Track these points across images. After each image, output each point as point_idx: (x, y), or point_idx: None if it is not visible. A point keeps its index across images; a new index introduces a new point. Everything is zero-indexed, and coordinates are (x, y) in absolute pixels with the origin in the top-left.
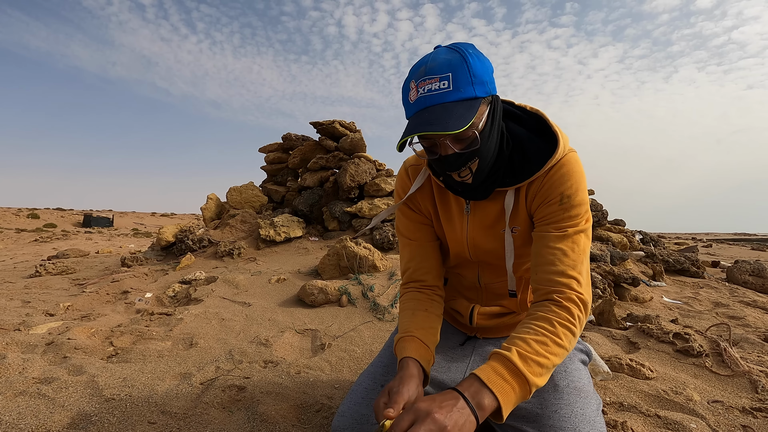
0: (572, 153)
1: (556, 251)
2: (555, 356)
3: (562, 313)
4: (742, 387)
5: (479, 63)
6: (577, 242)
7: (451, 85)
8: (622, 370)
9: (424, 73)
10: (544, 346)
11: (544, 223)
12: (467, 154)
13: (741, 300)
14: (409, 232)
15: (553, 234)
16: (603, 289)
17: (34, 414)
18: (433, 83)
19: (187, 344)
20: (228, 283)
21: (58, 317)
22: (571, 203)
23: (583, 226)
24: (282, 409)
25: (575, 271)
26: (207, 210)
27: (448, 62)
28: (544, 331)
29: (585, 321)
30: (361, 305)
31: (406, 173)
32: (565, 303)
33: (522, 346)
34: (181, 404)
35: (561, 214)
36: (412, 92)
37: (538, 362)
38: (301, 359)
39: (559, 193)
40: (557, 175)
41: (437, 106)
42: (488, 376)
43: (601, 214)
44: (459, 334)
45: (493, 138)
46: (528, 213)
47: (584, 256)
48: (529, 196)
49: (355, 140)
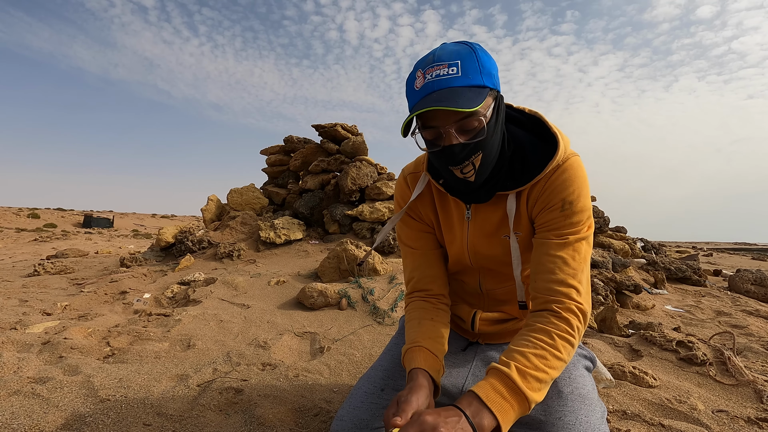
0: (575, 157)
1: (557, 259)
2: (554, 370)
3: (561, 324)
4: (746, 397)
5: (486, 57)
6: (578, 250)
7: (459, 71)
8: (625, 378)
9: (432, 60)
10: (543, 360)
11: (545, 230)
12: (472, 146)
13: (743, 309)
14: (411, 240)
15: (554, 241)
16: (605, 296)
17: (27, 414)
18: (441, 69)
19: (185, 345)
20: (227, 285)
21: (55, 317)
22: (572, 210)
23: (585, 234)
24: (279, 413)
25: (575, 280)
26: (207, 211)
27: (457, 52)
28: (543, 344)
29: (583, 331)
30: (361, 309)
31: (405, 182)
32: (564, 314)
33: (521, 360)
34: (177, 406)
35: (562, 221)
36: (419, 80)
37: (536, 377)
38: (299, 362)
39: (561, 199)
40: (559, 180)
41: (445, 90)
42: (487, 394)
43: (603, 221)
44: (461, 339)
45: (497, 133)
46: (529, 218)
47: (585, 265)
48: (531, 200)
49: (356, 143)
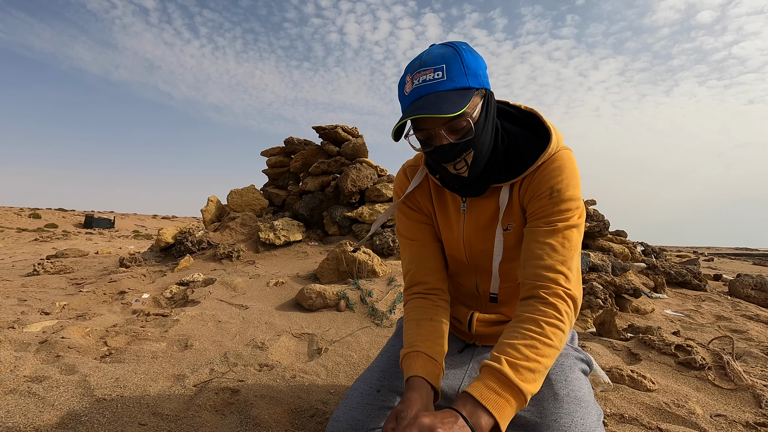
0: (566, 150)
1: (545, 246)
2: (546, 358)
3: (549, 310)
4: (745, 401)
5: (472, 57)
6: (568, 237)
7: (445, 75)
8: (623, 382)
9: (419, 66)
10: (533, 350)
11: (534, 218)
12: (462, 144)
13: (743, 314)
14: (410, 232)
15: (543, 229)
16: (604, 299)
17: (23, 412)
18: (427, 74)
19: (182, 346)
20: (226, 286)
21: (54, 316)
22: (561, 197)
23: (575, 222)
24: (276, 414)
25: (564, 267)
26: (207, 212)
27: (442, 55)
28: (532, 333)
29: (574, 317)
30: (359, 310)
31: (404, 174)
32: (551, 299)
33: (511, 353)
34: (173, 406)
35: (551, 208)
36: (408, 85)
37: (529, 368)
38: (296, 363)
39: (549, 187)
40: (548, 170)
41: (431, 95)
42: (481, 392)
43: (603, 224)
44: (458, 341)
45: (487, 130)
46: (522, 209)
47: (575, 252)
48: (522, 191)
49: (357, 145)
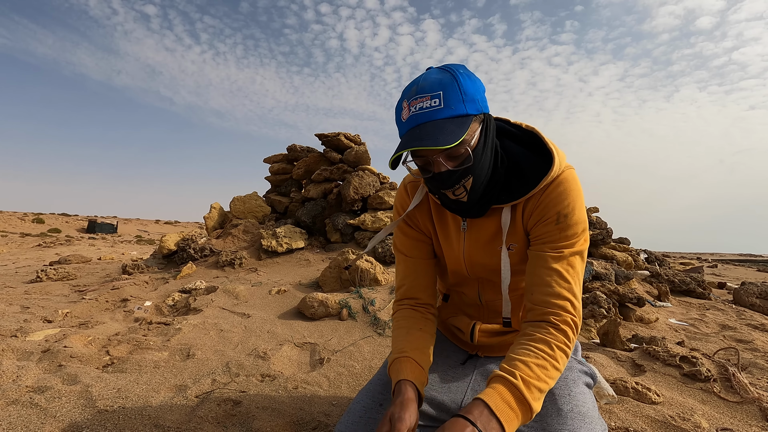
0: (570, 170)
1: (552, 272)
2: (552, 380)
3: (560, 336)
4: (751, 414)
5: (470, 82)
6: (572, 264)
7: (442, 102)
8: (627, 394)
9: (415, 92)
10: (544, 371)
11: (540, 242)
12: (460, 172)
13: (748, 323)
14: (407, 248)
15: (549, 254)
16: (608, 308)
17: (25, 424)
18: (424, 101)
19: (184, 355)
20: (228, 294)
21: (56, 324)
22: (567, 222)
23: (580, 247)
24: (277, 426)
25: (571, 294)
26: (210, 219)
27: (439, 81)
28: (545, 354)
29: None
30: (362, 319)
31: (405, 190)
32: (562, 326)
33: (525, 370)
34: (174, 417)
35: (557, 234)
36: (405, 111)
37: (538, 387)
38: (298, 374)
39: (556, 212)
40: (554, 194)
41: (428, 124)
42: (496, 404)
43: (606, 232)
44: (460, 352)
45: (486, 156)
46: (524, 230)
47: (578, 279)
48: (526, 213)
49: (359, 153)
